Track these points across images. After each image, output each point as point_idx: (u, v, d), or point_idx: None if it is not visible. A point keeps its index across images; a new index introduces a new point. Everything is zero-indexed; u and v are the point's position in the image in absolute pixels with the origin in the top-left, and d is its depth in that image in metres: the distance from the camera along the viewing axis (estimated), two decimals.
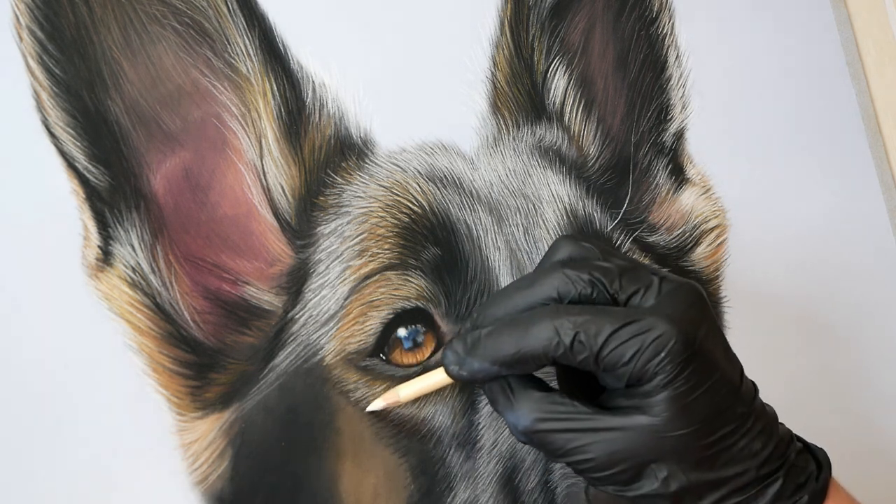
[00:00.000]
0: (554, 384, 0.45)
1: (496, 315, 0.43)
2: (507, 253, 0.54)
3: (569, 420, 0.41)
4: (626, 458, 0.40)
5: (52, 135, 0.50)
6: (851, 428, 0.64)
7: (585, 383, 0.44)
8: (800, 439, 0.45)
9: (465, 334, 0.43)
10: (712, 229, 0.63)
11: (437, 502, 0.52)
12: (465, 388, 0.52)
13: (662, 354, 0.39)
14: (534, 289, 0.43)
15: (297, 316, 0.52)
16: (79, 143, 0.50)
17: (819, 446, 0.45)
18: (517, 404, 0.42)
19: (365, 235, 0.53)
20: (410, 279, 0.52)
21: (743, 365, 0.44)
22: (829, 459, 0.45)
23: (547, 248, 0.55)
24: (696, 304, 0.42)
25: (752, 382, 0.44)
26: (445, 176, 0.55)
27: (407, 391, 0.46)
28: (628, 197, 0.59)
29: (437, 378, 0.45)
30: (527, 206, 0.56)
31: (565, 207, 0.56)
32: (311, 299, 0.52)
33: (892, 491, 0.63)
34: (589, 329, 0.40)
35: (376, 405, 0.48)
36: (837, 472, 0.45)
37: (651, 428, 0.40)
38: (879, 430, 0.65)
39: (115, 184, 0.50)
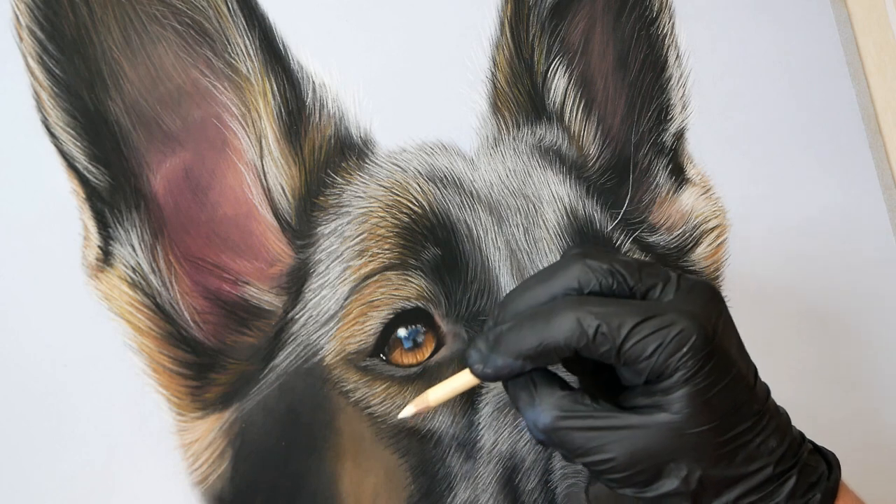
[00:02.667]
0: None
1: (517, 310, 0.43)
2: (507, 253, 0.54)
3: (589, 418, 0.41)
4: (647, 458, 0.40)
5: (52, 135, 0.50)
6: (853, 426, 0.64)
7: (606, 384, 0.44)
8: (810, 441, 0.45)
9: (487, 332, 0.43)
10: (712, 229, 0.63)
11: (437, 502, 0.52)
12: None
13: (684, 350, 0.39)
14: (554, 280, 0.43)
15: (297, 316, 0.52)
16: (79, 143, 0.50)
17: (829, 449, 0.46)
18: (539, 401, 0.42)
19: (365, 235, 0.53)
20: (410, 279, 0.52)
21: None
22: (838, 461, 0.45)
23: (547, 249, 0.55)
24: (713, 300, 0.42)
25: (765, 384, 0.44)
26: (445, 176, 0.55)
27: (436, 395, 0.45)
28: (628, 197, 0.59)
29: (465, 379, 0.44)
30: (527, 206, 0.56)
31: (565, 207, 0.56)
32: (311, 299, 0.52)
33: (893, 489, 0.63)
34: (612, 321, 0.40)
35: (407, 412, 0.46)
36: (841, 468, 0.45)
37: (671, 425, 0.40)
38: (882, 426, 0.65)
39: (115, 184, 0.50)
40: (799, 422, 0.45)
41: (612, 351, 0.40)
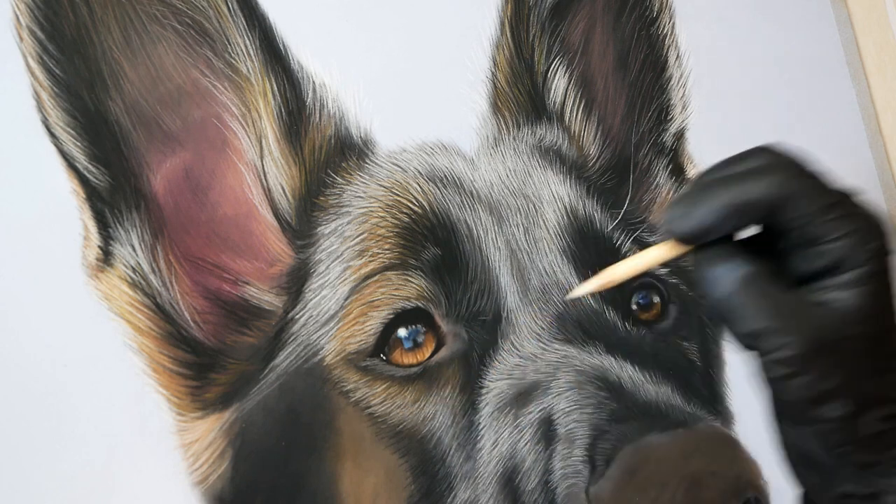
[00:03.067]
0: None
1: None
2: (507, 253, 0.54)
3: (776, 291, 0.39)
4: (823, 347, 0.38)
5: (52, 135, 0.50)
6: None
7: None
8: None
9: (685, 192, 0.41)
10: None
11: (437, 502, 0.52)
12: (465, 388, 0.52)
13: (880, 243, 0.38)
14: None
15: (297, 316, 0.52)
16: (79, 143, 0.50)
17: None
18: (729, 262, 0.40)
19: (365, 235, 0.53)
20: (411, 279, 0.52)
21: (741, 365, 0.44)
22: None
23: (547, 248, 0.55)
24: None
25: None
26: (446, 176, 0.55)
27: (625, 268, 0.42)
28: (629, 197, 0.59)
29: (657, 252, 0.41)
30: (527, 206, 0.56)
31: (566, 207, 0.56)
32: (311, 299, 0.52)
33: None
34: (813, 191, 0.39)
35: (587, 287, 0.42)
36: None
37: (849, 316, 0.38)
38: None
39: (116, 184, 0.50)
40: None
41: (804, 219, 0.39)
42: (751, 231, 0.41)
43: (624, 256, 0.57)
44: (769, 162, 0.41)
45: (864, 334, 0.39)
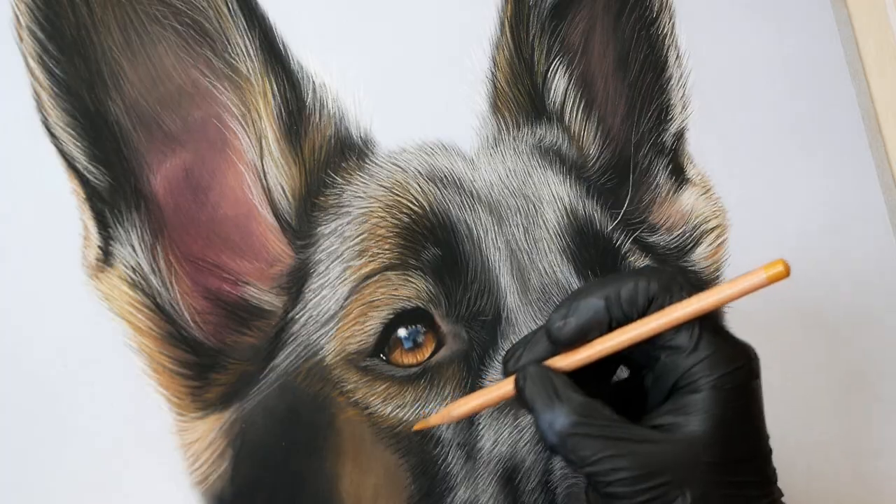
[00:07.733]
0: None
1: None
2: (507, 253, 0.54)
3: (608, 427, 0.39)
4: (660, 474, 0.38)
5: (52, 135, 0.50)
6: (852, 428, 0.64)
7: (626, 410, 0.43)
8: None
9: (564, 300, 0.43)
10: (712, 229, 0.63)
11: (437, 502, 0.52)
12: (466, 388, 0.52)
13: (733, 367, 0.39)
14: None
15: (297, 316, 0.52)
16: (79, 144, 0.50)
17: None
18: (558, 405, 0.40)
19: (365, 236, 0.53)
20: (411, 279, 0.52)
21: None
22: None
23: (547, 248, 0.55)
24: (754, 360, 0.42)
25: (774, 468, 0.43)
26: (446, 176, 0.55)
27: (466, 407, 0.44)
28: (628, 197, 0.59)
29: (500, 391, 0.43)
30: (527, 206, 0.56)
31: (565, 207, 0.56)
32: (311, 299, 0.52)
33: (892, 490, 0.63)
34: (673, 291, 0.40)
35: (430, 422, 0.46)
36: (838, 472, 0.45)
37: (691, 440, 0.38)
38: (880, 430, 0.65)
39: (116, 184, 0.50)
40: (793, 423, 0.45)
41: (669, 339, 0.40)
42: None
43: (624, 256, 0.57)
44: (651, 271, 0.42)
45: (712, 460, 0.38)
